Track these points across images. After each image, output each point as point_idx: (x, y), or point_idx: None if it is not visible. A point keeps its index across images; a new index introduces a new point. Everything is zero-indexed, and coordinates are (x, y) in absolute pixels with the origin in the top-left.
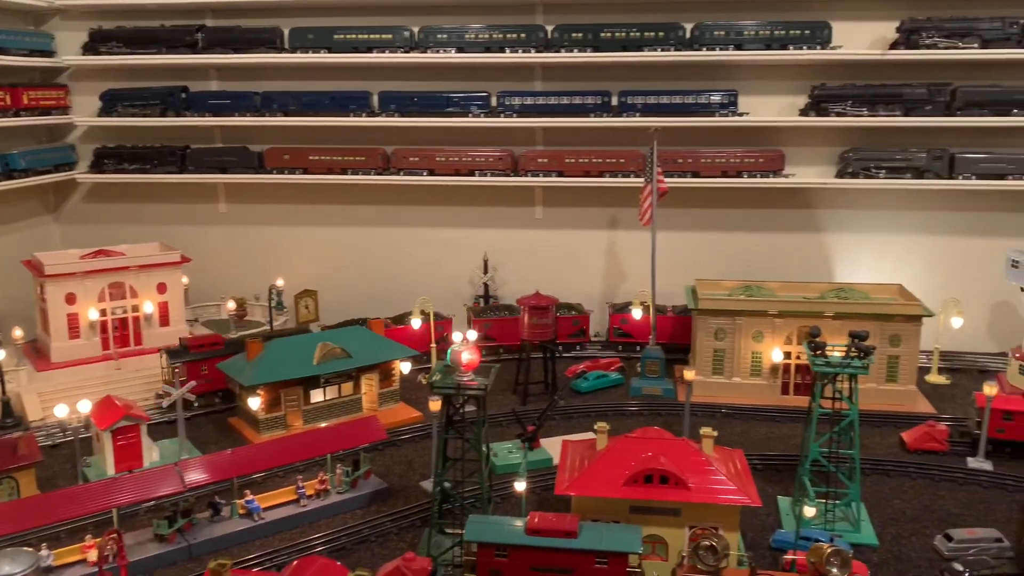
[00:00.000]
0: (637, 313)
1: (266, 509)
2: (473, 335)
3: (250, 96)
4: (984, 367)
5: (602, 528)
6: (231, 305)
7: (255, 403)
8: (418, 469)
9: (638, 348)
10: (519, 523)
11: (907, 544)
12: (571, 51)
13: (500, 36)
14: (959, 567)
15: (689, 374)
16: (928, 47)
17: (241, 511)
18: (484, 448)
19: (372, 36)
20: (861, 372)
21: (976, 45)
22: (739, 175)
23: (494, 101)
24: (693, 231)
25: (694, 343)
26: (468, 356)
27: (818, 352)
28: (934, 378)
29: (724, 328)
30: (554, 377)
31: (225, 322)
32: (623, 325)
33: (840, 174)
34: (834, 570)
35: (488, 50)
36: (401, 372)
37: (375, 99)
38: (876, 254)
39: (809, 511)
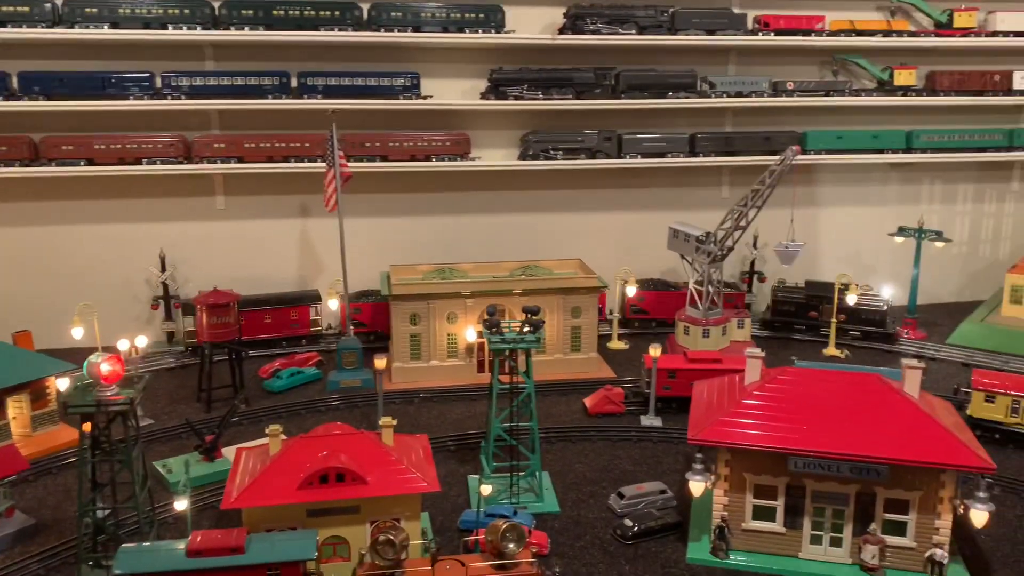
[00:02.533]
0: (334, 303)
1: None
2: (143, 341)
3: None
4: (655, 331)
5: (274, 538)
6: None
7: None
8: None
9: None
10: (181, 546)
11: (586, 506)
12: (242, 29)
13: (160, 11)
14: (629, 522)
15: (379, 362)
16: (592, 32)
17: None
18: (140, 469)
19: (5, 8)
20: (533, 346)
21: (634, 31)
22: (428, 159)
23: (160, 82)
24: (388, 216)
25: (391, 330)
26: (108, 367)
27: (493, 329)
28: (615, 344)
29: (419, 312)
30: (241, 379)
31: None
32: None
33: (522, 156)
34: (510, 545)
35: (148, 26)
36: (58, 390)
37: (15, 80)
38: (558, 231)
39: (485, 489)
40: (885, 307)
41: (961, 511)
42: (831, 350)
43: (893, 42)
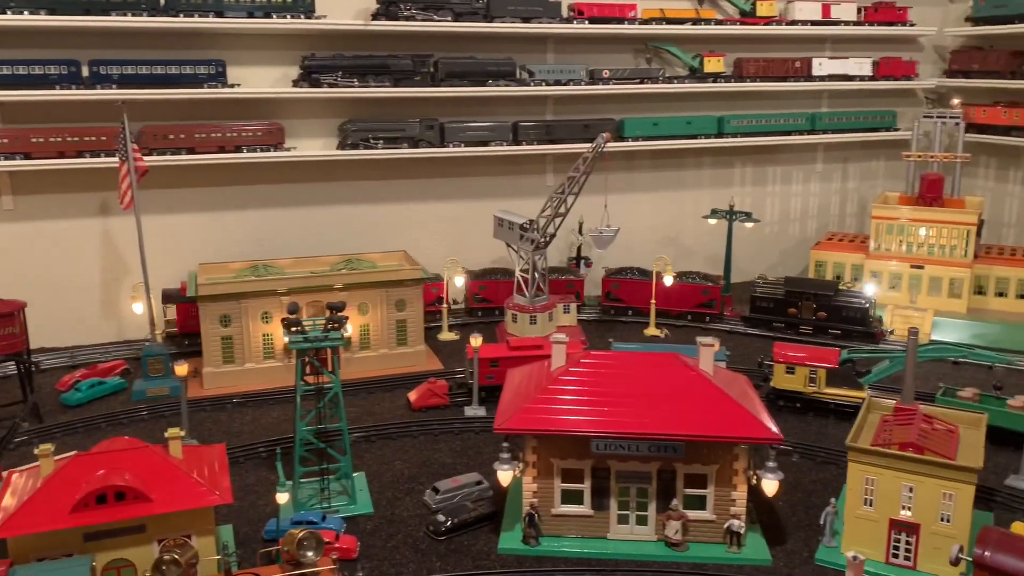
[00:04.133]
0: (138, 308)
1: None
2: None
3: None
4: (489, 321)
5: (42, 568)
6: None
7: None
8: None
9: None
10: None
11: (401, 505)
12: (20, 12)
13: None
14: (441, 517)
15: (180, 369)
16: (407, 19)
17: None
18: None
19: None
20: (339, 343)
21: (450, 18)
22: (238, 150)
23: None
24: (199, 212)
25: (202, 333)
26: None
27: (294, 328)
28: (445, 335)
29: (230, 313)
30: (31, 391)
31: None
32: None
33: (341, 146)
34: (308, 554)
35: None
36: None
37: None
38: (382, 222)
39: (281, 497)
40: (867, 305)
41: (755, 482)
42: (651, 330)
43: (701, 30)
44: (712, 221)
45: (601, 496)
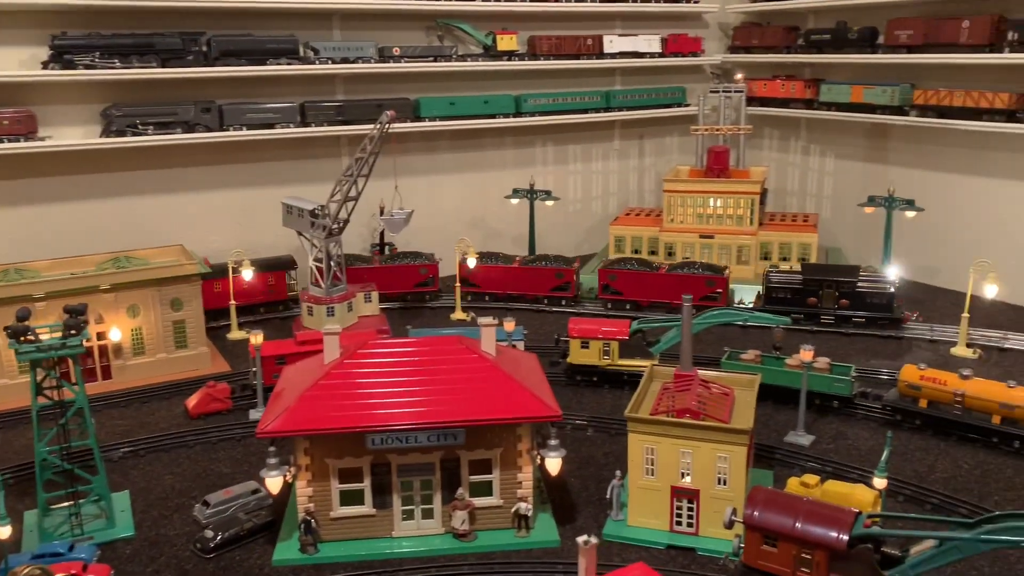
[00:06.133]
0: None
1: None
2: None
3: None
4: (285, 316)
5: None
6: None
7: None
8: None
9: None
10: None
11: (168, 523)
12: None
13: None
14: (210, 533)
15: None
16: None
17: None
18: None
19: None
20: (78, 351)
21: None
22: None
23: None
24: None
25: None
26: None
27: (23, 337)
28: (235, 334)
29: None
30: None
31: None
32: None
33: (105, 133)
34: None
35: None
36: None
37: None
38: (159, 215)
39: (3, 532)
40: (892, 289)
41: (540, 462)
42: (458, 314)
43: (492, 6)
44: (514, 201)
45: (383, 493)
